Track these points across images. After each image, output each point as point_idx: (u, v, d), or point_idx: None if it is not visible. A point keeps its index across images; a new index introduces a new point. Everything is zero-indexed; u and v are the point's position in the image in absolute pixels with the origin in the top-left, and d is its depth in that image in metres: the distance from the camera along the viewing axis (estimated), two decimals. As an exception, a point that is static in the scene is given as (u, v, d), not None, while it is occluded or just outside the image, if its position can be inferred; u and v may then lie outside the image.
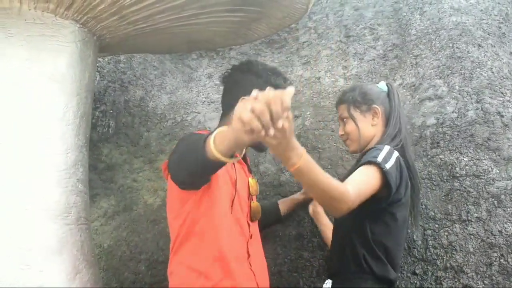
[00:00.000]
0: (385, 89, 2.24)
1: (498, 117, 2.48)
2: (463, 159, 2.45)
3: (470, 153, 2.45)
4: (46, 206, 2.00)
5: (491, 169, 2.38)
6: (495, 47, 2.76)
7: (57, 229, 2.01)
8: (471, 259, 2.27)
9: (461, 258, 2.29)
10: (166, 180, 1.91)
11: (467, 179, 2.40)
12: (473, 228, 2.31)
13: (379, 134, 2.16)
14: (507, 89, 2.56)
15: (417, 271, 2.37)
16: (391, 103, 2.18)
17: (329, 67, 3.18)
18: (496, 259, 2.23)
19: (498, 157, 2.40)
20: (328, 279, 2.12)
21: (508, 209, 2.28)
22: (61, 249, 1.99)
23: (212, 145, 1.39)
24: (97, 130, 3.30)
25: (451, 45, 2.79)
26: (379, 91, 2.22)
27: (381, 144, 2.04)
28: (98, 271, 2.26)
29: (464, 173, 2.41)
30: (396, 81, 2.91)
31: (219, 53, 3.54)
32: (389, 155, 1.91)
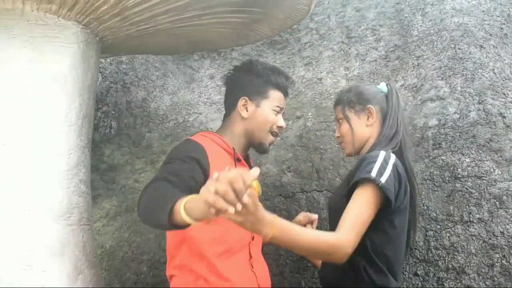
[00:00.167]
0: (384, 89, 2.14)
1: (500, 118, 2.48)
2: (465, 160, 2.45)
3: (472, 154, 2.45)
4: (48, 207, 2.00)
5: (493, 170, 2.38)
6: (497, 48, 2.76)
7: (59, 229, 2.01)
8: (473, 260, 2.27)
9: (463, 259, 2.29)
10: None
11: (469, 180, 2.40)
12: (475, 229, 2.31)
13: (375, 135, 2.06)
14: (509, 90, 2.56)
15: (418, 272, 2.38)
16: (388, 104, 2.09)
17: (331, 68, 3.18)
18: (498, 260, 2.23)
19: (500, 158, 2.40)
20: None
21: (510, 210, 2.28)
22: (63, 249, 1.99)
23: (183, 213, 1.40)
24: (99, 131, 3.31)
25: (453, 46, 2.79)
26: (376, 91, 2.14)
27: (377, 147, 1.97)
28: (100, 271, 2.26)
29: (466, 174, 2.42)
30: (398, 82, 2.91)
31: (221, 54, 3.55)
32: (384, 165, 1.80)
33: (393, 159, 1.85)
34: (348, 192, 1.82)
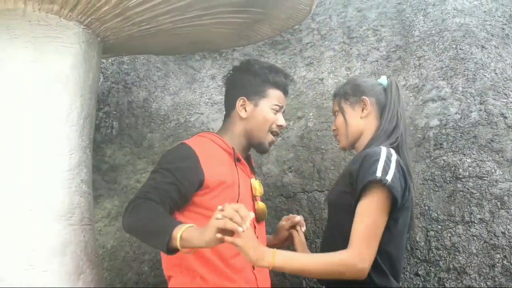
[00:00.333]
0: (384, 83, 2.06)
1: (502, 118, 2.48)
2: (466, 161, 2.45)
3: (473, 154, 2.45)
4: (49, 207, 2.00)
5: (494, 171, 2.38)
6: (498, 48, 2.76)
7: (60, 229, 2.01)
8: (474, 261, 2.27)
9: (464, 259, 2.29)
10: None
11: (470, 180, 2.40)
12: (476, 229, 2.31)
13: (372, 129, 1.98)
14: (511, 91, 2.56)
15: (419, 272, 2.38)
16: (387, 97, 2.00)
17: (332, 68, 3.18)
18: (499, 260, 2.23)
19: (501, 158, 2.40)
20: None
21: (511, 211, 2.28)
22: (64, 249, 2.00)
23: (178, 243, 1.60)
24: (101, 131, 3.31)
25: (454, 46, 2.79)
26: (374, 84, 2.07)
27: (375, 142, 1.90)
28: (101, 271, 2.26)
29: (467, 174, 2.42)
30: (399, 82, 2.91)
31: (222, 54, 3.55)
32: (388, 162, 1.73)
33: (395, 155, 1.79)
34: (357, 194, 1.73)
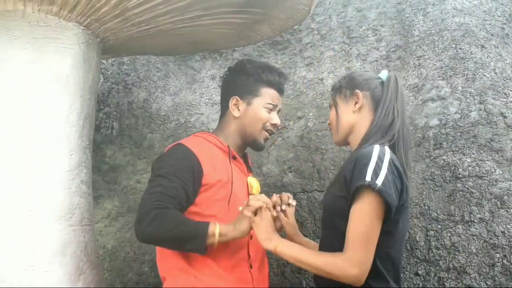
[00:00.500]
0: (383, 77, 1.95)
1: (501, 118, 2.48)
2: (466, 160, 2.45)
3: (473, 154, 2.45)
4: (49, 207, 2.01)
5: (494, 170, 2.38)
6: (498, 48, 2.76)
7: (60, 230, 2.02)
8: (473, 260, 2.27)
9: (463, 259, 2.29)
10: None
11: (470, 180, 2.40)
12: (476, 229, 2.31)
13: (365, 124, 1.88)
14: (510, 90, 2.56)
15: (419, 272, 2.38)
16: (383, 91, 1.89)
17: (332, 68, 3.19)
18: (499, 260, 2.23)
19: (501, 158, 2.39)
20: None
21: (511, 210, 2.28)
22: (64, 250, 2.00)
23: (217, 239, 1.78)
24: (101, 132, 3.32)
25: (454, 46, 2.79)
26: (371, 77, 1.96)
27: (370, 138, 1.81)
28: (102, 272, 2.27)
29: (467, 174, 2.42)
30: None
31: (222, 54, 3.55)
32: (379, 163, 1.65)
33: (388, 154, 1.71)
34: (350, 197, 1.67)
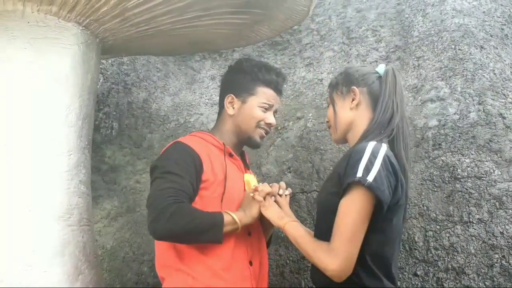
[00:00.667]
0: (381, 71, 1.88)
1: (500, 118, 2.48)
2: (464, 161, 2.45)
3: (472, 154, 2.45)
4: (48, 208, 2.01)
5: (492, 171, 2.38)
6: (497, 48, 2.76)
7: (59, 230, 2.01)
8: (472, 261, 2.27)
9: (462, 260, 2.29)
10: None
11: (469, 180, 2.40)
12: (475, 229, 2.31)
13: (364, 121, 1.84)
14: (509, 91, 2.56)
15: (418, 272, 2.38)
16: (382, 86, 1.83)
17: (332, 68, 3.19)
18: (497, 260, 2.23)
19: (499, 158, 2.40)
20: None
21: (510, 211, 2.28)
22: (63, 250, 2.00)
23: (233, 225, 1.84)
24: (101, 132, 3.32)
25: (453, 47, 2.79)
26: (368, 72, 1.91)
27: (369, 135, 1.77)
28: (100, 272, 2.27)
29: (466, 174, 2.42)
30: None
31: (222, 55, 3.56)
32: (372, 159, 1.61)
33: (383, 150, 1.66)
34: (342, 193, 1.65)
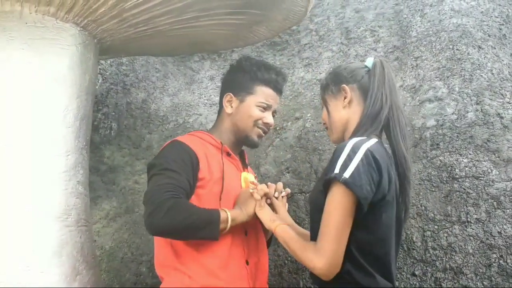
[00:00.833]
0: (369, 64, 1.85)
1: (498, 118, 2.48)
2: (462, 161, 2.45)
3: (470, 154, 2.45)
4: (46, 208, 2.01)
5: (490, 171, 2.38)
6: (495, 48, 2.76)
7: (57, 230, 2.01)
8: (470, 260, 2.27)
9: (460, 259, 2.29)
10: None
11: (467, 180, 2.40)
12: (473, 229, 2.31)
13: (357, 116, 1.80)
14: (507, 91, 2.56)
15: (416, 272, 2.38)
16: (370, 79, 1.79)
17: (330, 69, 3.19)
18: (495, 260, 2.23)
19: (497, 158, 2.40)
20: None
21: (508, 211, 2.28)
22: (61, 250, 2.00)
23: (230, 222, 1.83)
24: (99, 132, 3.32)
25: (451, 47, 2.79)
26: (357, 68, 1.87)
27: (360, 130, 1.74)
28: (98, 272, 2.27)
29: (464, 174, 2.42)
30: (397, 82, 2.91)
31: (221, 55, 3.56)
32: (351, 155, 1.57)
33: (366, 146, 1.61)
34: (324, 191, 1.63)
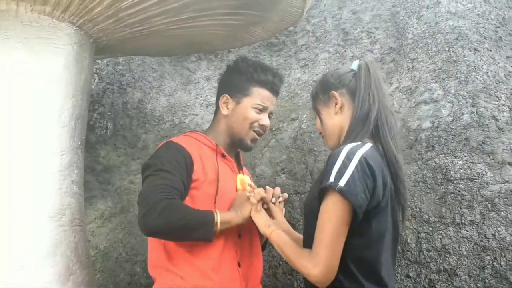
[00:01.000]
0: (355, 67, 1.84)
1: (493, 121, 2.49)
2: (457, 163, 2.45)
3: (465, 156, 2.45)
4: (40, 208, 2.00)
5: (485, 173, 2.38)
6: (491, 51, 2.76)
7: (51, 230, 2.01)
8: (464, 262, 2.27)
9: (454, 261, 2.29)
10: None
11: (461, 182, 2.40)
12: (467, 231, 2.31)
13: (349, 121, 1.79)
14: (502, 93, 2.57)
15: (410, 274, 2.38)
16: (357, 83, 1.78)
17: (327, 70, 3.19)
18: (489, 262, 2.23)
19: (492, 160, 2.40)
20: None
21: (502, 213, 2.28)
22: (55, 250, 2.00)
23: (219, 227, 1.80)
24: (95, 132, 3.32)
25: (447, 49, 2.79)
26: (344, 73, 1.85)
27: (351, 134, 1.73)
28: (92, 272, 2.27)
29: (459, 176, 2.42)
30: (393, 84, 2.91)
31: (217, 55, 3.56)
32: (346, 162, 1.57)
33: (360, 152, 1.60)
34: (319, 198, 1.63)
